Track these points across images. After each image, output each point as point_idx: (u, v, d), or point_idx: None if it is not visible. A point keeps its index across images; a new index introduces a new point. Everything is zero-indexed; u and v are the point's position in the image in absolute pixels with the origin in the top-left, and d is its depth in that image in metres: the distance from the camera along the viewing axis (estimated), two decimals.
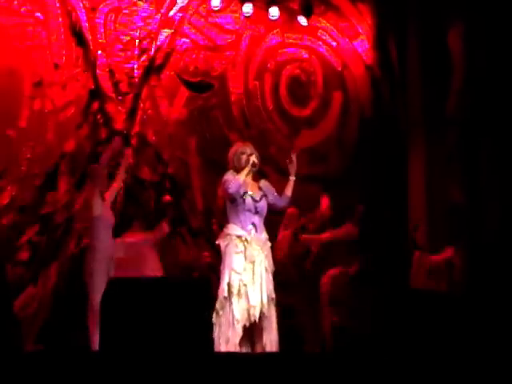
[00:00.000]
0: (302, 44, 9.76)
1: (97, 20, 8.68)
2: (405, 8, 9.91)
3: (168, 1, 9.04)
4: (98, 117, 8.57)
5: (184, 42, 9.12)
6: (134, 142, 8.67)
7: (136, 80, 8.78)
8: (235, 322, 5.80)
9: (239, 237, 5.96)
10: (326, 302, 7.87)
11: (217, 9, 9.14)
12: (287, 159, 6.22)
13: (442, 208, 9.36)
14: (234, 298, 5.84)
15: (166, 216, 8.02)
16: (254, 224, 6.01)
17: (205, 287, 5.01)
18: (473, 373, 4.70)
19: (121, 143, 7.86)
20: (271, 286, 5.99)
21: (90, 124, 8.48)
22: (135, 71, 8.80)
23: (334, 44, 9.91)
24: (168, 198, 8.29)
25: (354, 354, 4.94)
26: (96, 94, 8.58)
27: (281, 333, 6.00)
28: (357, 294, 7.35)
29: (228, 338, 5.78)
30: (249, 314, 5.84)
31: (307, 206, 8.33)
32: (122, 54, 8.78)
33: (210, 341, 5.10)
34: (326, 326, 7.82)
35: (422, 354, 4.72)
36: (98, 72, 8.61)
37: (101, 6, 8.72)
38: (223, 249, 6.01)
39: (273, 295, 5.98)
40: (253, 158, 6.06)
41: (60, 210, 8.15)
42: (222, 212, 6.27)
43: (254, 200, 6.03)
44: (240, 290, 5.86)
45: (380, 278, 7.90)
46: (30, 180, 8.13)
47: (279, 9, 9.31)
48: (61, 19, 8.53)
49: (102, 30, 8.71)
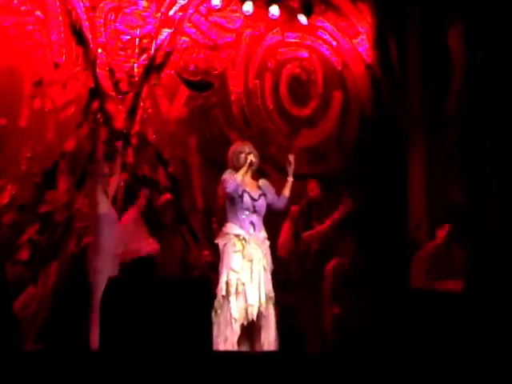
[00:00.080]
0: (302, 43, 9.76)
1: (97, 19, 8.67)
2: (405, 8, 9.91)
3: (168, 0, 9.04)
4: (98, 116, 8.56)
5: (184, 41, 9.11)
6: (134, 141, 8.67)
7: (136, 79, 8.77)
8: (233, 320, 5.83)
9: (237, 236, 5.98)
10: (328, 294, 7.85)
11: (217, 8, 9.13)
12: (286, 160, 6.24)
13: (441, 208, 9.36)
14: (232, 297, 5.86)
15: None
16: (252, 223, 6.03)
17: (205, 286, 5.03)
18: (473, 373, 4.70)
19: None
20: (269, 284, 6.01)
21: (90, 123, 8.47)
22: (135, 70, 8.79)
23: (334, 43, 9.90)
24: (168, 197, 8.28)
25: (354, 355, 4.94)
26: (96, 93, 8.58)
27: (282, 332, 6.00)
28: (357, 294, 7.35)
29: (226, 337, 5.81)
30: (247, 312, 5.86)
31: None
32: (122, 53, 8.77)
33: (210, 340, 5.11)
34: (327, 320, 7.82)
35: (422, 354, 4.73)
36: (98, 71, 8.60)
37: (101, 5, 8.70)
38: (221, 248, 6.03)
39: (271, 294, 5.99)
40: (250, 157, 6.07)
41: (60, 209, 8.15)
42: (221, 211, 6.27)
43: (252, 199, 6.04)
44: (238, 289, 5.88)
45: (380, 278, 7.90)
46: (30, 179, 8.13)
47: (279, 8, 9.30)
48: (61, 18, 8.52)
49: (102, 28, 8.70)
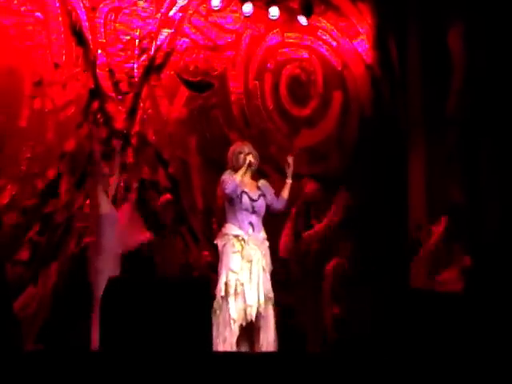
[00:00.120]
0: (302, 44, 9.76)
1: (97, 19, 8.67)
2: (405, 8, 9.90)
3: (168, 0, 9.04)
4: (98, 116, 8.56)
5: (184, 41, 9.11)
6: (134, 141, 8.67)
7: (136, 79, 8.77)
8: (231, 321, 5.83)
9: (236, 236, 5.98)
10: (328, 294, 7.85)
11: (217, 8, 9.13)
12: (285, 162, 6.25)
13: (441, 208, 9.35)
14: (231, 298, 5.86)
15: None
16: (251, 223, 6.03)
17: (205, 286, 5.04)
18: (473, 373, 4.70)
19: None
20: (269, 285, 6.01)
21: (90, 123, 8.47)
22: (135, 71, 8.78)
23: (334, 44, 9.90)
24: (168, 197, 8.28)
25: (354, 355, 4.94)
26: (96, 93, 8.58)
27: (282, 332, 6.00)
28: (357, 294, 7.35)
29: (225, 338, 5.81)
30: (245, 313, 5.86)
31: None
32: (122, 54, 8.77)
33: (210, 340, 5.11)
34: (327, 320, 7.81)
35: (422, 354, 4.73)
36: (98, 71, 8.60)
37: (101, 6, 8.70)
38: (221, 248, 6.03)
39: (270, 294, 5.99)
40: (249, 158, 6.07)
41: (60, 209, 8.15)
42: (221, 212, 6.28)
43: (251, 199, 6.04)
44: (237, 290, 5.88)
45: (380, 278, 7.90)
46: (30, 179, 8.13)
47: (279, 8, 9.29)
48: (61, 19, 8.51)
49: (102, 29, 8.70)
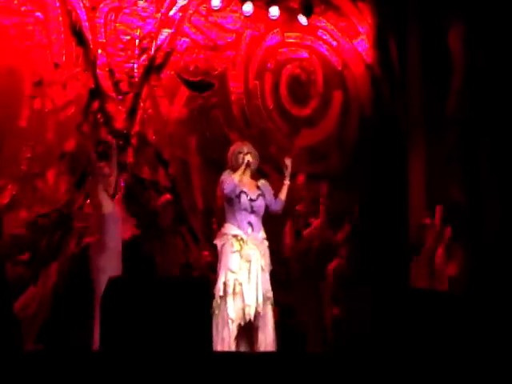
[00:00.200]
0: (302, 43, 9.76)
1: (97, 19, 8.67)
2: (405, 8, 9.91)
3: (168, 0, 9.04)
4: (99, 116, 8.56)
5: (184, 41, 9.11)
6: (134, 141, 8.67)
7: (136, 79, 8.77)
8: (229, 321, 5.83)
9: (235, 236, 5.98)
10: (328, 294, 7.86)
11: (217, 8, 9.13)
12: (282, 164, 6.25)
13: (442, 208, 9.35)
14: (229, 297, 5.86)
15: None
16: (250, 223, 6.03)
17: (205, 286, 5.02)
18: (473, 373, 4.70)
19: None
20: (268, 285, 6.01)
21: (90, 123, 8.47)
22: (135, 71, 8.79)
23: (335, 43, 9.90)
24: (168, 197, 8.28)
25: (354, 355, 4.94)
26: (96, 93, 8.58)
27: (282, 332, 6.00)
28: (357, 294, 7.35)
29: (223, 337, 5.81)
30: (244, 312, 5.86)
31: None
32: (123, 54, 8.77)
33: (210, 340, 5.11)
34: (328, 320, 7.82)
35: (422, 354, 4.72)
36: (98, 71, 8.60)
37: (101, 6, 8.71)
38: (220, 248, 6.03)
39: (269, 294, 5.99)
40: (248, 157, 6.06)
41: (60, 209, 8.15)
42: (221, 211, 6.28)
43: (250, 199, 6.04)
44: (235, 289, 5.88)
45: (380, 278, 7.90)
46: (30, 179, 8.13)
47: (279, 8, 9.30)
48: (61, 18, 8.52)
49: (102, 29, 8.70)
